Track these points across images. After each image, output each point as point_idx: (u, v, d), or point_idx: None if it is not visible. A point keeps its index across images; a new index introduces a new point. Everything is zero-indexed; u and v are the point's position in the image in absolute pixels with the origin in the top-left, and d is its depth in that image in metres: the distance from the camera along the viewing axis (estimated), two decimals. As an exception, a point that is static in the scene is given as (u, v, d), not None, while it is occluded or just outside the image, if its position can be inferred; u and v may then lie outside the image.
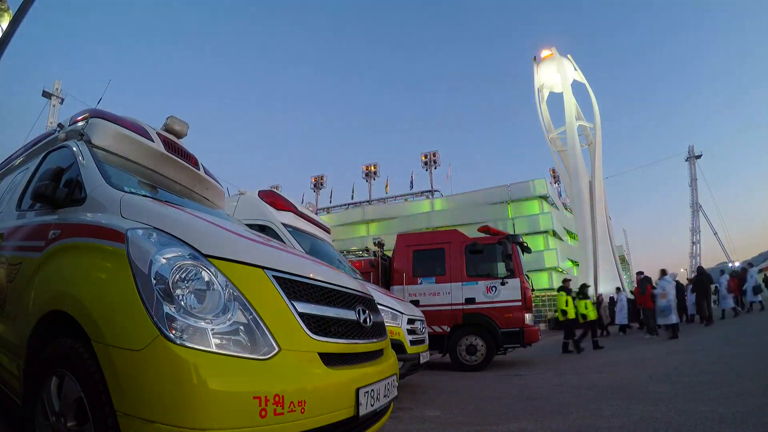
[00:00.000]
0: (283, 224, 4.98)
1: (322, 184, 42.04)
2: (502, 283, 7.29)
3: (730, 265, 12.75)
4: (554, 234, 30.59)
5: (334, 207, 40.74)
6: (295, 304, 1.57)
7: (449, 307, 7.45)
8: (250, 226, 3.56)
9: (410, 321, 4.60)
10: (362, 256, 8.66)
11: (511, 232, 8.81)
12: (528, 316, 7.37)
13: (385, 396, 1.87)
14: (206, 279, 1.42)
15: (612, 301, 16.31)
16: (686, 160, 42.70)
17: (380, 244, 8.77)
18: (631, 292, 15.11)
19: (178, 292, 1.36)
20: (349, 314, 1.86)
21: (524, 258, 8.02)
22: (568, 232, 33.61)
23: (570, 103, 31.40)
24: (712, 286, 13.19)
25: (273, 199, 5.26)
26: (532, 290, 8.35)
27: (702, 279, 12.15)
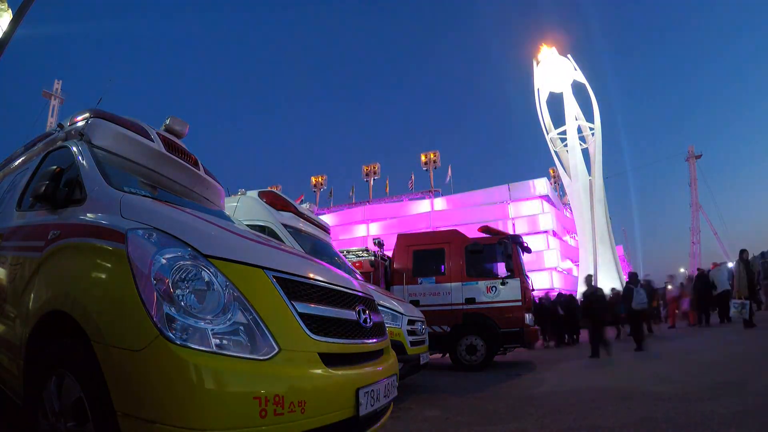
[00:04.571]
0: (283, 224, 4.98)
1: (322, 184, 42.02)
2: (503, 283, 7.28)
3: (729, 265, 12.16)
4: (554, 234, 30.59)
5: (334, 207, 40.71)
6: (295, 304, 1.57)
7: (449, 307, 7.43)
8: (251, 226, 3.56)
9: (410, 322, 4.60)
10: (362, 256, 8.64)
11: (511, 232, 8.79)
12: (528, 316, 7.37)
13: (385, 396, 1.87)
14: (206, 279, 1.42)
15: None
16: (686, 160, 42.78)
17: (380, 244, 8.76)
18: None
19: (178, 292, 1.36)
20: (349, 314, 1.86)
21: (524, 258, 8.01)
22: (568, 232, 33.61)
23: (570, 103, 31.45)
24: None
25: (273, 199, 5.27)
26: (533, 290, 8.33)
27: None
